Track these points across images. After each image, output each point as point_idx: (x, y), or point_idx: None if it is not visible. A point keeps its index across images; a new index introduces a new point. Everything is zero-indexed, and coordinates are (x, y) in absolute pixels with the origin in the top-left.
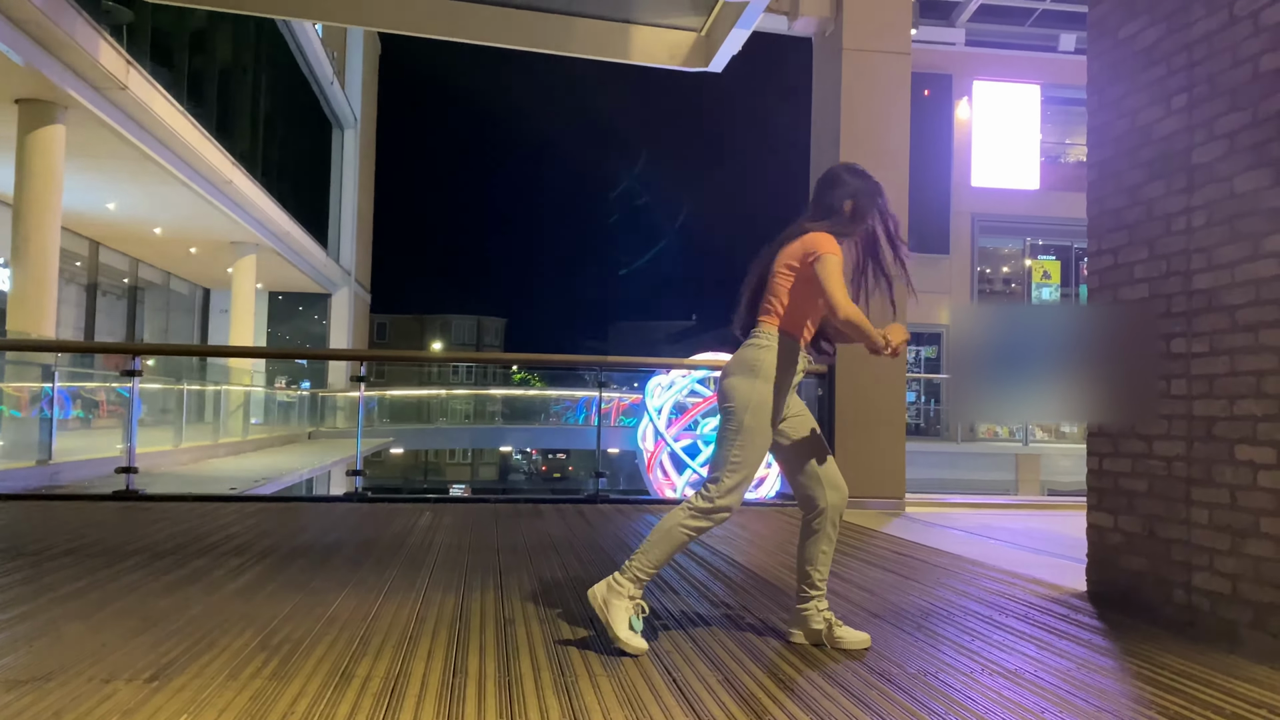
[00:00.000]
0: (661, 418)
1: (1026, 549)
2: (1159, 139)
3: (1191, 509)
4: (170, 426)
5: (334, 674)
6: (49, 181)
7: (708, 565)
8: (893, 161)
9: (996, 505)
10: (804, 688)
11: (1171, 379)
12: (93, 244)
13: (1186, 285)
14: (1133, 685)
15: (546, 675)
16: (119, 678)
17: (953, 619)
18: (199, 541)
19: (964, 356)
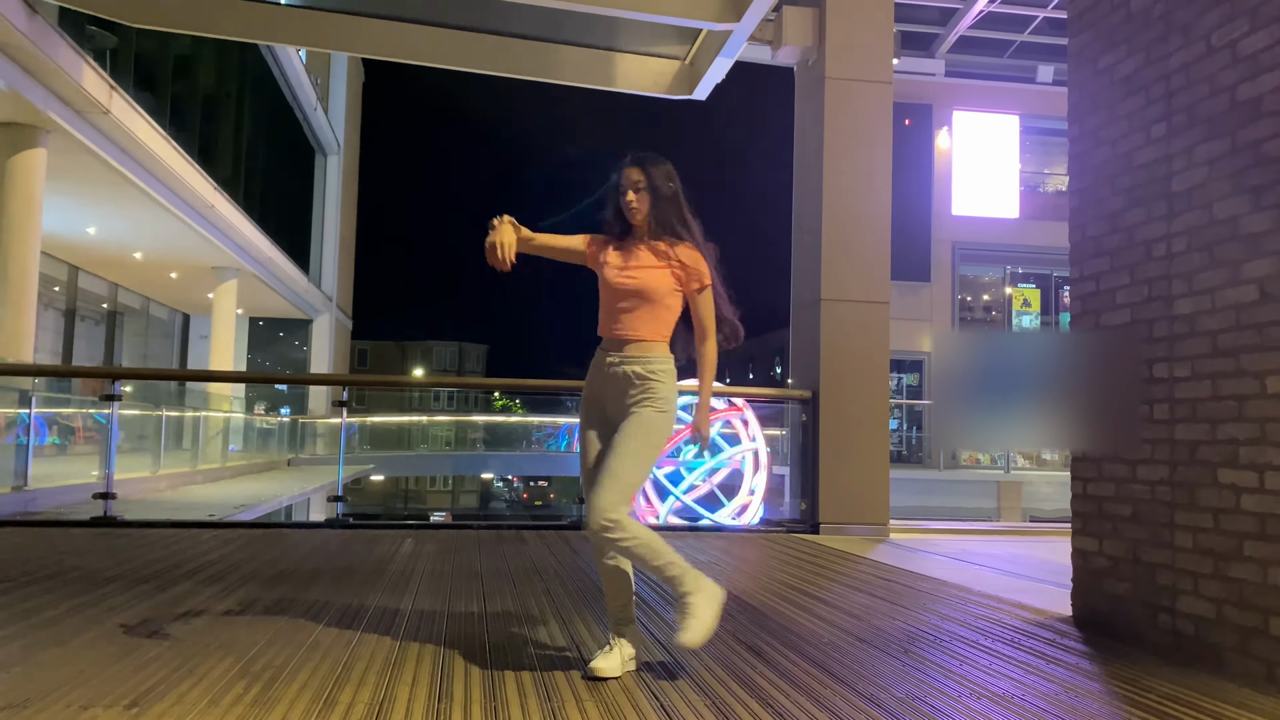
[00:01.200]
0: None
1: (1010, 574)
2: (1139, 166)
3: (1175, 533)
4: (148, 453)
5: (317, 700)
6: (29, 205)
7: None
8: (875, 189)
9: (980, 531)
10: (793, 713)
11: (1154, 403)
12: (72, 268)
13: (1168, 310)
14: (1120, 709)
15: (533, 700)
16: (98, 704)
17: (939, 643)
18: (178, 568)
19: (947, 383)
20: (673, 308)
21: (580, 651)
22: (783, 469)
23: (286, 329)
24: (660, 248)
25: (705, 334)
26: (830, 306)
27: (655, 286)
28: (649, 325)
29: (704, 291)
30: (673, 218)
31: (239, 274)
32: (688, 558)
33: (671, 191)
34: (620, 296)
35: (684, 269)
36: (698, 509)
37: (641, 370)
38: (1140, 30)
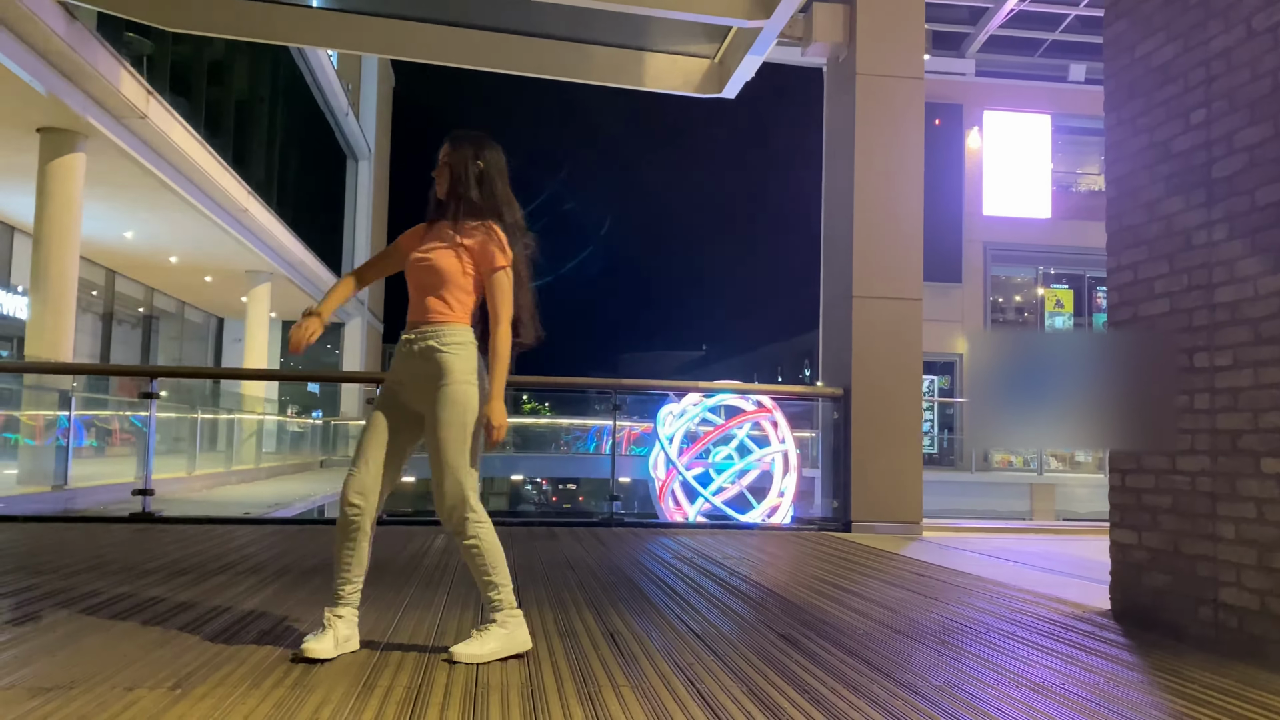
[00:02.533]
0: (673, 446)
1: (1046, 570)
2: (1177, 154)
3: (1217, 524)
4: (184, 454)
5: (356, 684)
6: (69, 209)
7: (726, 584)
8: (907, 185)
9: (1014, 530)
10: (829, 698)
11: (1194, 393)
12: (109, 273)
13: (1208, 299)
14: (1162, 698)
15: (570, 686)
16: (142, 685)
17: (976, 635)
18: (216, 561)
19: (982, 383)
20: (467, 288)
21: (616, 641)
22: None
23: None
24: (456, 228)
25: (495, 319)
26: (862, 304)
27: (444, 266)
28: (442, 303)
29: (495, 275)
30: (477, 200)
31: (272, 278)
32: (714, 554)
33: (476, 172)
34: (414, 275)
35: (471, 251)
36: (727, 510)
37: (436, 344)
38: (1178, 16)
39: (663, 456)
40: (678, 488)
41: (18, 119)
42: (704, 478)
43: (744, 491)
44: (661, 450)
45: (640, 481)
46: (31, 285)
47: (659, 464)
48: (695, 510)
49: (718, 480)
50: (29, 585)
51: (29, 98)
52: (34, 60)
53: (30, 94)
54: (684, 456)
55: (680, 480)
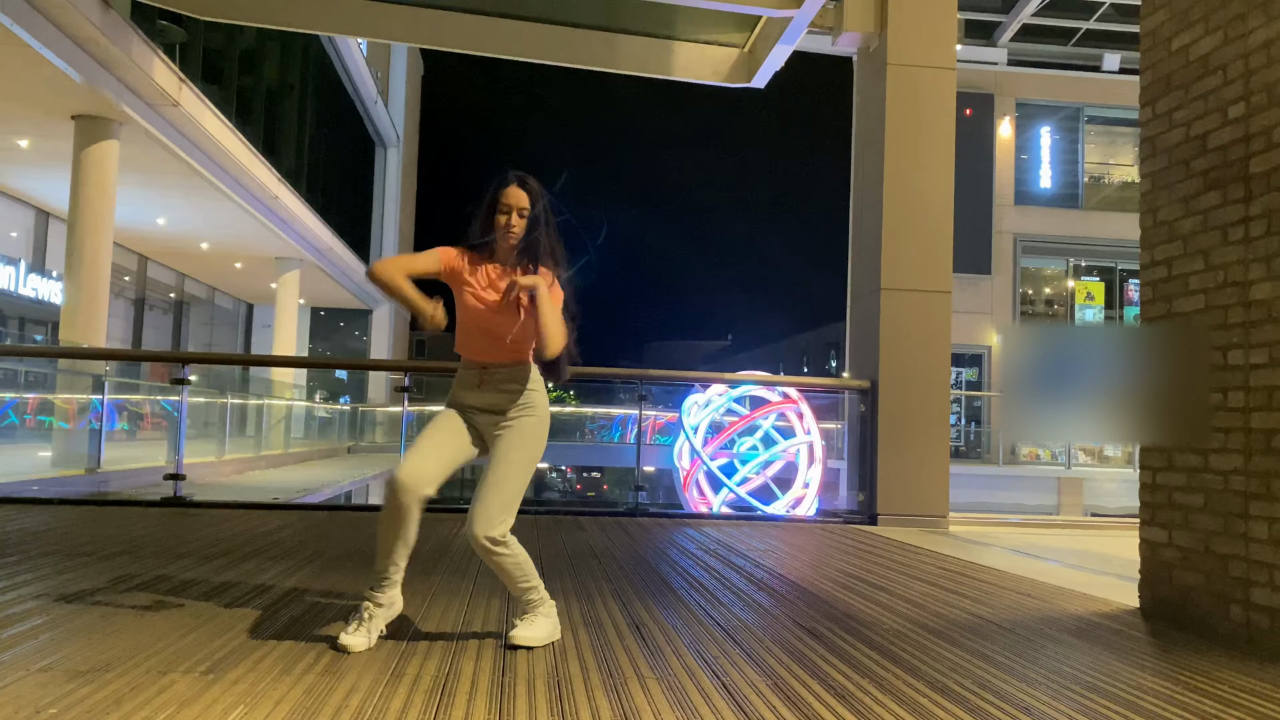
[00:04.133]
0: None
1: (1074, 567)
2: (1214, 149)
3: (1250, 523)
4: (214, 439)
5: (385, 671)
6: (103, 196)
7: (751, 577)
8: (938, 176)
9: (1041, 525)
10: (855, 695)
11: (1228, 391)
12: (141, 259)
13: (1244, 296)
14: (1192, 699)
15: (595, 676)
16: (176, 669)
17: (1004, 631)
18: (247, 545)
19: (1013, 377)
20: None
21: (641, 632)
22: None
23: (347, 319)
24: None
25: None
26: (890, 296)
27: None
28: (522, 347)
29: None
30: (541, 249)
31: (302, 264)
32: (739, 545)
33: (549, 222)
34: (488, 324)
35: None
36: (751, 501)
37: (519, 385)
38: (1218, 8)
39: (687, 446)
40: (702, 478)
41: (53, 106)
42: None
43: (769, 482)
44: (686, 440)
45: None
46: (66, 271)
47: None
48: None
49: (742, 471)
50: (65, 568)
51: (64, 85)
52: (69, 47)
53: (65, 81)
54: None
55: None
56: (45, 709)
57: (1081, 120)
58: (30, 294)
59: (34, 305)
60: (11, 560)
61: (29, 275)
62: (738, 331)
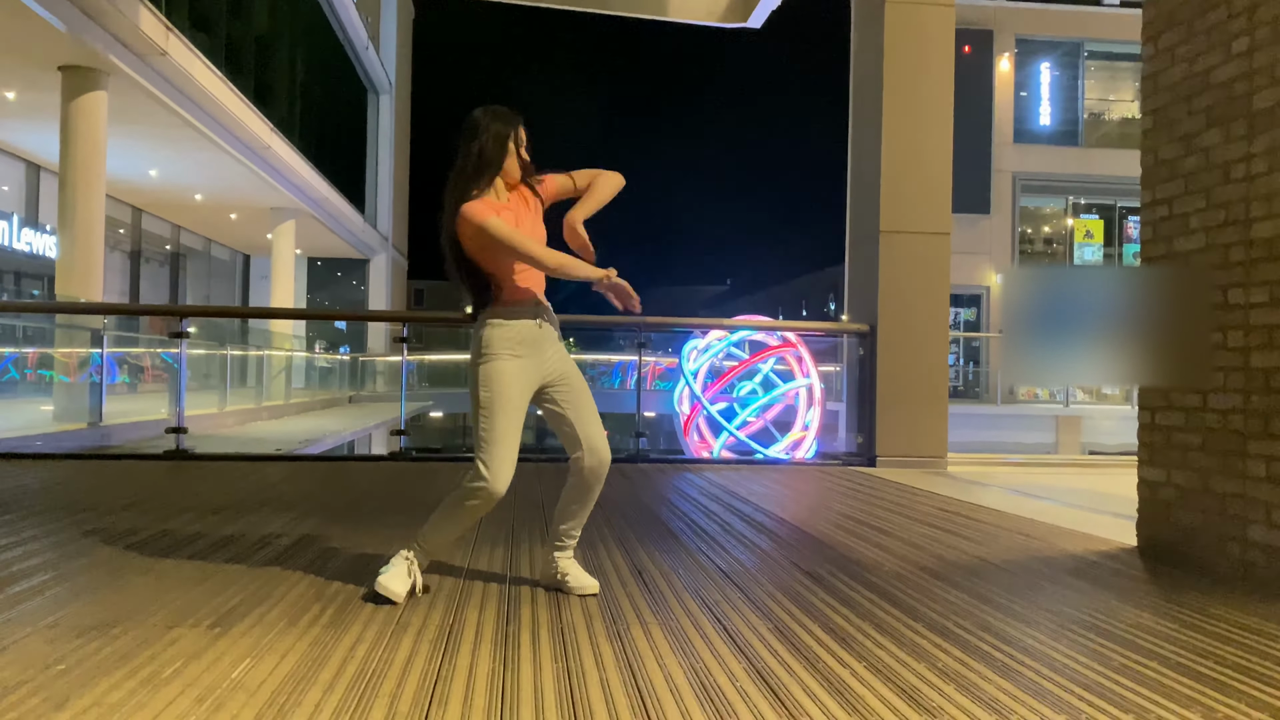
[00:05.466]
0: (697, 381)
1: (1072, 505)
2: (1217, 85)
3: (1247, 462)
4: (214, 391)
5: (390, 623)
6: (93, 149)
7: (752, 520)
8: (937, 116)
9: (1038, 464)
10: (855, 637)
11: (1228, 331)
12: (135, 211)
13: (1245, 235)
14: (1190, 636)
15: (599, 623)
16: (183, 624)
17: (1003, 572)
18: (250, 498)
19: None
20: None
21: (643, 578)
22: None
23: (344, 269)
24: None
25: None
26: (889, 239)
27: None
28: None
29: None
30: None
31: (297, 214)
32: (740, 489)
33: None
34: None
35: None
36: (751, 444)
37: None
38: None
39: (687, 391)
40: (702, 422)
41: (38, 57)
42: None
43: (768, 425)
44: (686, 385)
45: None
46: (60, 224)
47: (684, 399)
48: (720, 444)
49: (742, 414)
50: (70, 523)
51: (49, 35)
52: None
53: (50, 31)
54: (708, 391)
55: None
56: (54, 665)
57: (1082, 56)
58: (25, 249)
59: (29, 260)
60: (15, 516)
61: (22, 230)
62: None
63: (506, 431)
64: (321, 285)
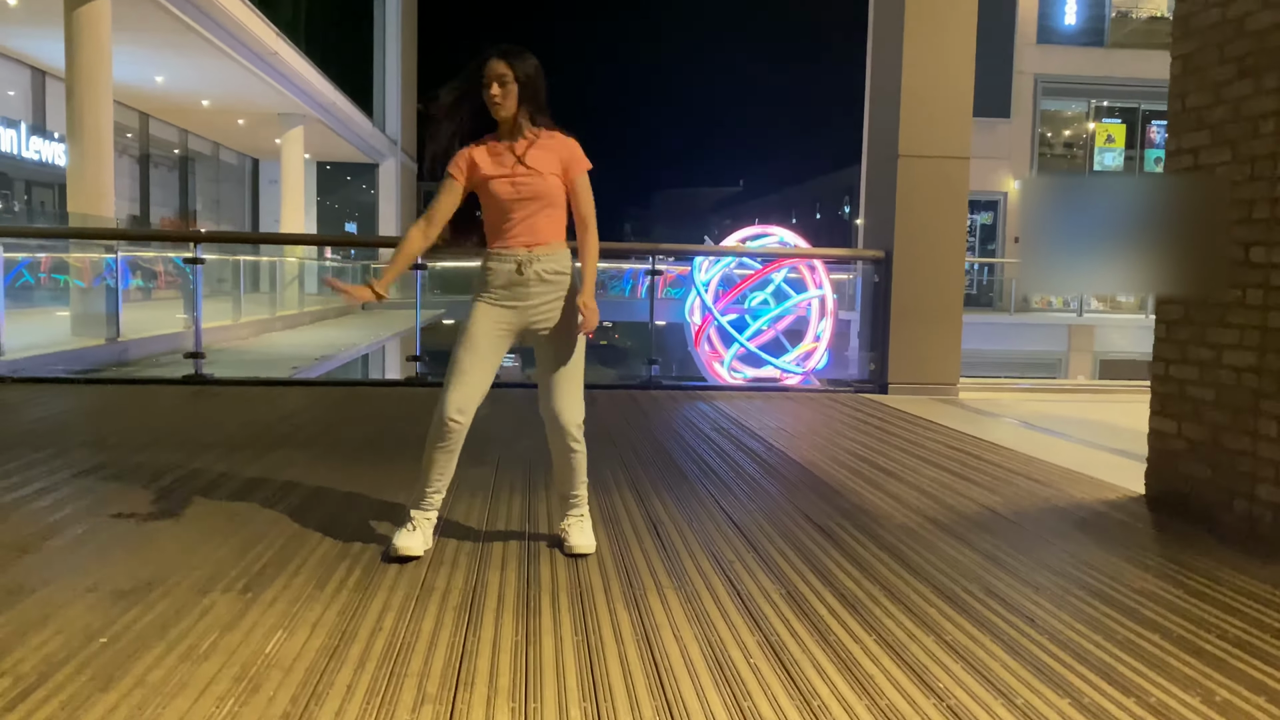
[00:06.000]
0: (709, 292)
1: (1083, 442)
2: (1252, 33)
3: (1259, 420)
4: (228, 297)
5: (415, 586)
6: (99, 59)
7: (763, 462)
8: (959, 33)
9: (1049, 390)
10: (866, 605)
11: (1247, 289)
12: (143, 116)
13: (1271, 192)
14: (1193, 605)
15: (616, 586)
16: (215, 588)
17: (1011, 524)
18: (270, 432)
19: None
20: (563, 204)
21: (658, 531)
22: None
23: (354, 173)
24: (543, 144)
25: (587, 224)
26: (908, 163)
27: (549, 189)
28: (551, 225)
29: (584, 177)
30: (540, 110)
31: (305, 120)
32: (752, 422)
33: (539, 87)
34: (516, 205)
35: (566, 161)
36: (762, 355)
37: (557, 266)
38: None
39: (699, 302)
40: (714, 333)
41: None
42: (739, 323)
43: (779, 335)
44: (698, 296)
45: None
46: (69, 137)
47: (695, 309)
48: (731, 354)
49: (754, 325)
50: (97, 464)
51: None
52: None
53: None
54: (720, 302)
55: (716, 326)
56: (96, 637)
57: None
58: (34, 157)
59: (39, 168)
60: (47, 454)
61: (31, 138)
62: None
63: (464, 369)
64: (331, 189)
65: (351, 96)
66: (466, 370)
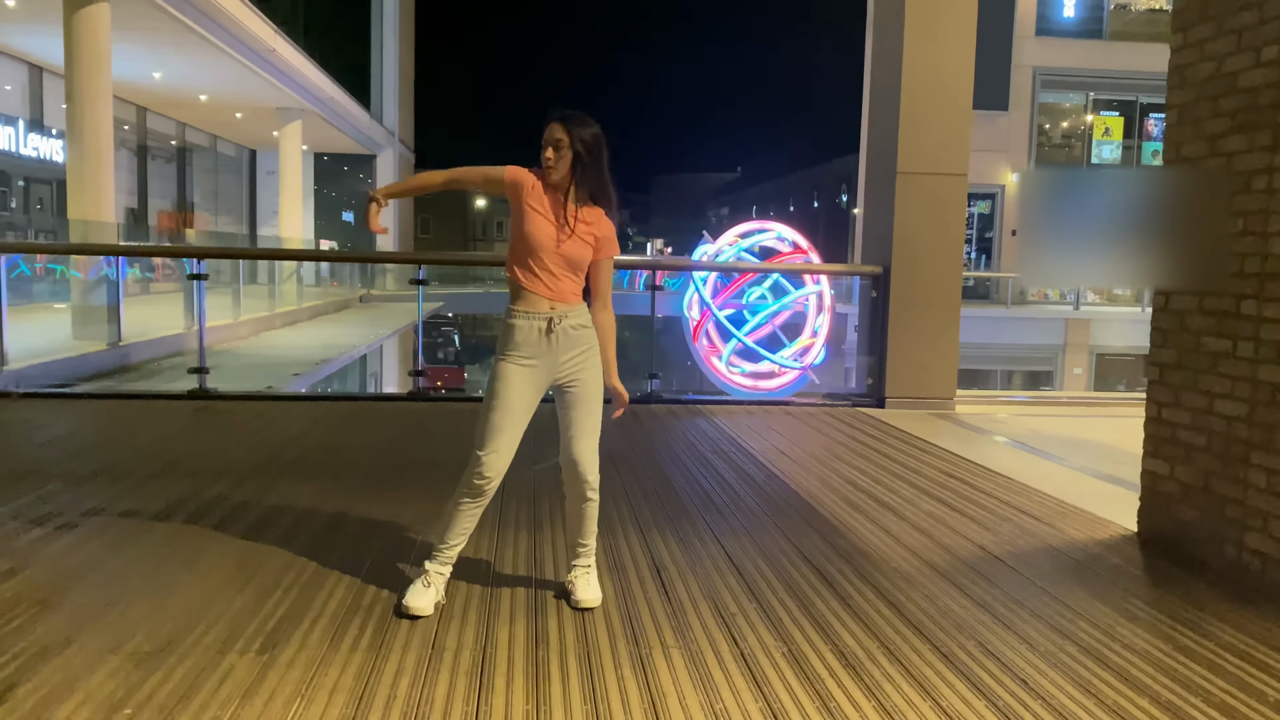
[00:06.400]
0: (707, 287)
1: (1078, 469)
2: (1244, 90)
3: (1249, 471)
4: (227, 292)
5: (426, 645)
6: (98, 62)
7: (763, 492)
8: (958, 50)
9: (1045, 403)
10: (865, 666)
11: (1238, 340)
12: (140, 109)
13: (1262, 247)
14: (1181, 665)
15: (622, 646)
16: (233, 648)
17: (1007, 569)
18: (276, 460)
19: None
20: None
21: (661, 578)
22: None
23: (351, 164)
24: (585, 217)
25: (605, 301)
26: (906, 180)
27: (580, 255)
28: (576, 285)
29: (610, 260)
30: (594, 184)
31: (303, 114)
32: (752, 443)
33: (596, 156)
34: (553, 259)
35: (598, 239)
36: (760, 350)
37: (581, 323)
38: None
39: (697, 297)
40: (712, 328)
41: None
42: (737, 317)
43: (776, 330)
44: (696, 291)
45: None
46: (68, 140)
47: (693, 304)
48: (729, 350)
49: (752, 321)
50: (112, 498)
51: None
52: None
53: None
54: (719, 298)
55: (714, 321)
56: (121, 708)
57: None
58: (32, 154)
59: (37, 165)
60: (58, 486)
61: (29, 134)
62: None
63: (498, 429)
64: (329, 180)
65: (349, 88)
66: (499, 430)
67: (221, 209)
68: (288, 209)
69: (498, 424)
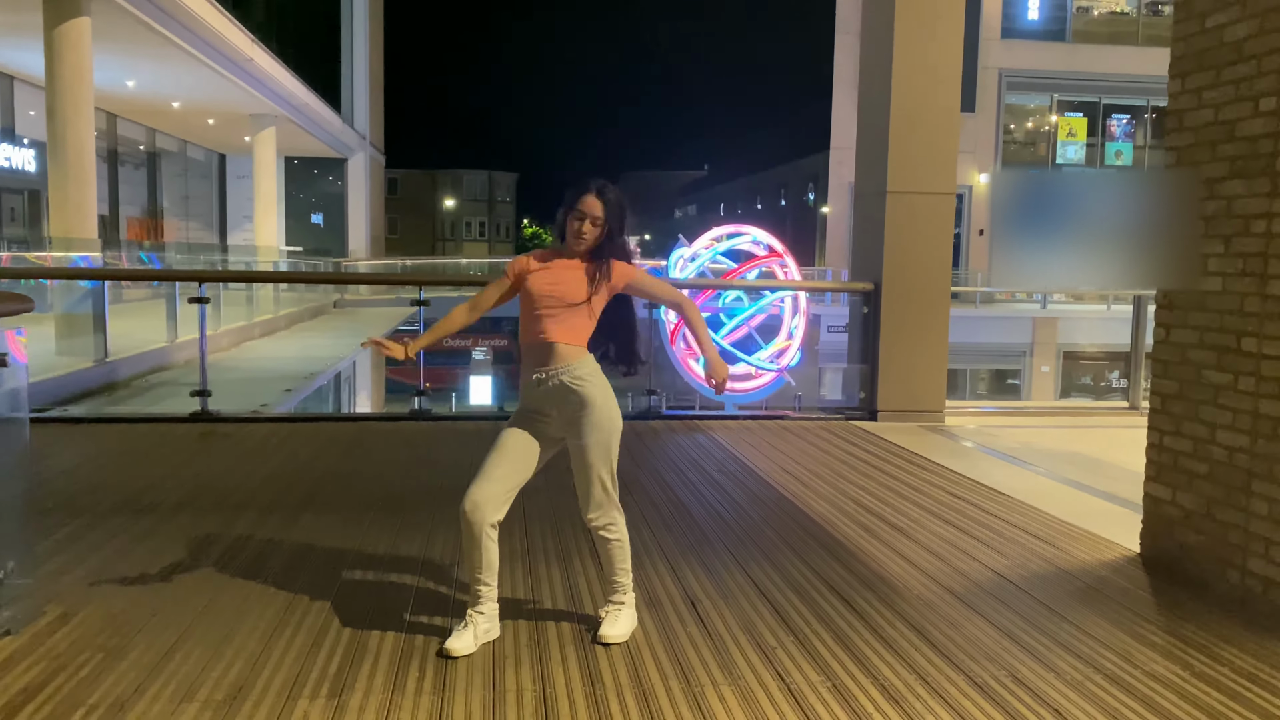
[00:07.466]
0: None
1: (1074, 485)
2: (1243, 138)
3: (1251, 499)
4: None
5: (487, 687)
6: (79, 77)
7: (776, 516)
8: (946, 72)
9: (1031, 414)
10: (907, 698)
11: (1239, 375)
12: (110, 116)
13: (1261, 288)
14: (1202, 692)
15: (675, 684)
16: (302, 694)
17: (1022, 593)
18: (293, 490)
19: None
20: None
21: (698, 611)
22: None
23: (321, 167)
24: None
25: (680, 303)
26: (896, 199)
27: (574, 290)
28: (571, 328)
29: (642, 275)
30: (618, 253)
31: (276, 120)
32: (758, 462)
33: (622, 227)
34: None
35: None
36: (736, 353)
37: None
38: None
39: None
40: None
41: None
42: (713, 321)
43: (752, 333)
44: None
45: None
46: (49, 153)
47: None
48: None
49: (728, 324)
50: (143, 533)
51: None
52: None
53: None
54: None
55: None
56: None
57: None
58: (3, 164)
59: (9, 175)
60: (85, 522)
61: (1, 144)
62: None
63: (487, 467)
64: (300, 183)
65: (320, 93)
66: (490, 468)
67: (191, 214)
68: (262, 214)
69: (488, 463)
